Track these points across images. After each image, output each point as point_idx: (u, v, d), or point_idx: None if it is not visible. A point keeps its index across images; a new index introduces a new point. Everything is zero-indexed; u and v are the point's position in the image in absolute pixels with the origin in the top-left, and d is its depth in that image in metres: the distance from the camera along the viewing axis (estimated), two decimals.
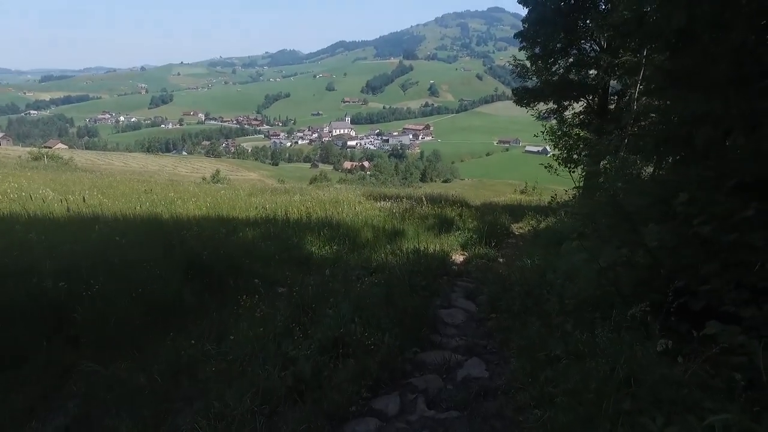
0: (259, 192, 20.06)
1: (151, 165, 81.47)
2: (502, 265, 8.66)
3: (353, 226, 9.69)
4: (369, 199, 15.79)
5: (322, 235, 8.55)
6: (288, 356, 3.13)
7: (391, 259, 7.17)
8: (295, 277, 6.03)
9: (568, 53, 18.56)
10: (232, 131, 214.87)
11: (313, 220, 9.99)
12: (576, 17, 17.08)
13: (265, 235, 8.02)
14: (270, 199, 16.27)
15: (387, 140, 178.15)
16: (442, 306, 5.38)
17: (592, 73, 18.16)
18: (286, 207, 12.25)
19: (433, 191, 23.47)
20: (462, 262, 8.94)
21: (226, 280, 5.00)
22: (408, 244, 9.48)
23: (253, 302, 4.20)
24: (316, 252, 7.80)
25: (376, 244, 9.09)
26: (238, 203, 13.59)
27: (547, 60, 18.77)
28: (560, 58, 18.78)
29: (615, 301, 3.98)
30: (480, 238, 10.28)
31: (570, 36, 17.31)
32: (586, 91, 18.26)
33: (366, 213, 11.67)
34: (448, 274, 7.33)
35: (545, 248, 8.74)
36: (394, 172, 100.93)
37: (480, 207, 17.90)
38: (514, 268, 6.74)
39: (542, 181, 43.70)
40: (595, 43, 18.02)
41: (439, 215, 12.86)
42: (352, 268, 6.67)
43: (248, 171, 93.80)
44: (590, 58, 17.85)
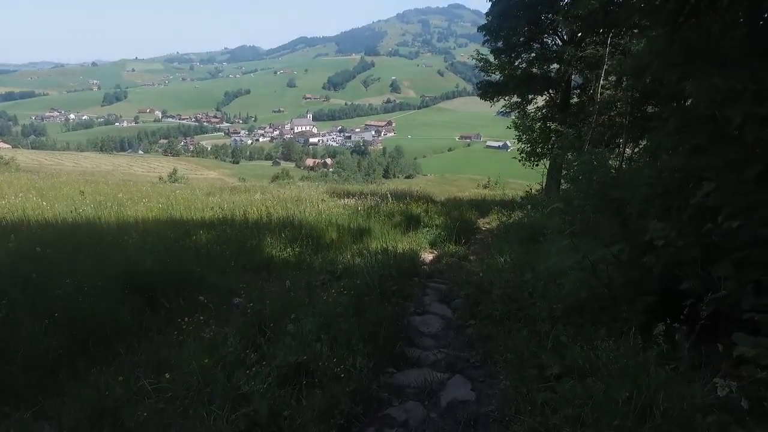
0: (218, 191, 19.14)
1: (105, 165, 78.11)
2: (474, 263, 8.31)
3: (317, 226, 9.13)
4: (332, 197, 15.23)
5: (283, 236, 7.97)
6: (240, 392, 2.59)
7: (358, 260, 6.67)
8: (253, 284, 5.47)
9: (530, 47, 18.49)
10: (191, 129, 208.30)
11: (273, 220, 9.37)
12: (540, 11, 16.97)
13: (220, 238, 7.37)
14: (229, 198, 15.46)
15: (349, 137, 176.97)
16: (416, 312, 4.94)
17: (554, 67, 18.17)
18: (246, 207, 11.56)
19: (397, 187, 23.06)
20: (432, 260, 8.54)
21: (172, 293, 4.37)
22: (375, 243, 9.01)
23: (202, 320, 3.63)
24: (277, 255, 7.22)
25: (341, 244, 8.57)
26: (195, 203, 12.78)
27: (510, 54, 18.66)
28: (523, 52, 18.70)
29: (607, 304, 3.63)
30: (448, 235, 9.91)
31: (533, 29, 17.20)
32: (549, 85, 18.24)
33: (330, 211, 11.11)
34: (419, 275, 6.90)
35: (517, 244, 8.46)
36: (356, 168, 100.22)
37: (445, 202, 17.62)
38: (489, 268, 6.37)
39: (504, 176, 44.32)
40: (558, 37, 18.01)
41: (405, 212, 12.45)
42: (317, 273, 6.14)
43: (208, 170, 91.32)
44: (552, 53, 17.83)
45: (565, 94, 18.08)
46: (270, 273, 6.33)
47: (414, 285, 6.29)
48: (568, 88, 18.10)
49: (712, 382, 2.48)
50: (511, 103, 20.15)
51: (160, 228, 7.58)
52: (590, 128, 12.46)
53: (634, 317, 3.42)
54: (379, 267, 5.88)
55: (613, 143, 10.16)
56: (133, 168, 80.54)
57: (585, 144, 10.98)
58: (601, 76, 13.84)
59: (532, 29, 17.24)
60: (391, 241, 9.35)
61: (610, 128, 11.30)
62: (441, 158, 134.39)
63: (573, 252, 3.27)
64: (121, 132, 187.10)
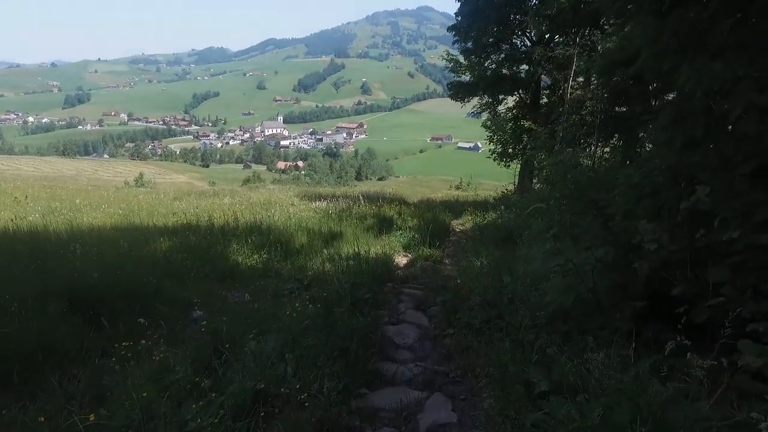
0: (185, 195, 18.46)
1: (68, 169, 75.38)
2: (450, 266, 8.08)
3: (286, 231, 8.75)
4: (303, 200, 14.86)
5: (250, 242, 7.56)
6: (188, 429, 2.24)
7: (328, 267, 6.35)
8: (215, 295, 5.09)
9: (500, 48, 18.50)
10: (158, 132, 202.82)
11: (241, 225, 8.94)
12: (509, 11, 16.98)
13: (182, 245, 6.92)
14: (196, 203, 14.90)
15: (321, 139, 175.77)
16: (391, 322, 4.64)
17: (523, 68, 18.22)
18: (212, 212, 11.07)
19: (369, 189, 22.83)
20: (406, 264, 8.27)
21: (123, 309, 3.96)
22: (347, 247, 8.69)
23: (153, 340, 3.23)
24: (243, 262, 6.84)
25: (311, 249, 8.23)
26: (159, 209, 12.22)
27: (480, 55, 18.63)
28: (492, 53, 18.69)
29: (593, 310, 3.42)
30: (422, 238, 9.66)
31: (503, 29, 17.19)
32: (519, 86, 18.28)
33: (300, 215, 10.75)
34: (393, 281, 6.62)
35: (493, 246, 8.27)
36: (329, 171, 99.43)
37: (418, 204, 17.43)
38: (466, 272, 6.14)
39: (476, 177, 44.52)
40: (527, 38, 18.07)
41: (378, 214, 12.17)
42: (285, 281, 5.79)
43: (177, 174, 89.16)
44: (521, 53, 17.87)
45: (535, 95, 18.15)
46: (235, 282, 5.96)
47: (388, 291, 6.01)
48: (538, 88, 18.18)
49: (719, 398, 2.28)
50: (482, 103, 20.13)
51: (118, 236, 7.07)
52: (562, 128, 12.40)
53: (622, 324, 3.21)
54: (351, 274, 5.58)
55: (585, 143, 10.10)
56: (99, 172, 77.94)
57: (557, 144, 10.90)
58: (570, 76, 13.88)
59: (501, 29, 17.25)
60: (364, 245, 9.03)
61: (581, 127, 11.30)
62: (413, 160, 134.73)
63: (556, 256, 3.04)
64: (85, 135, 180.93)
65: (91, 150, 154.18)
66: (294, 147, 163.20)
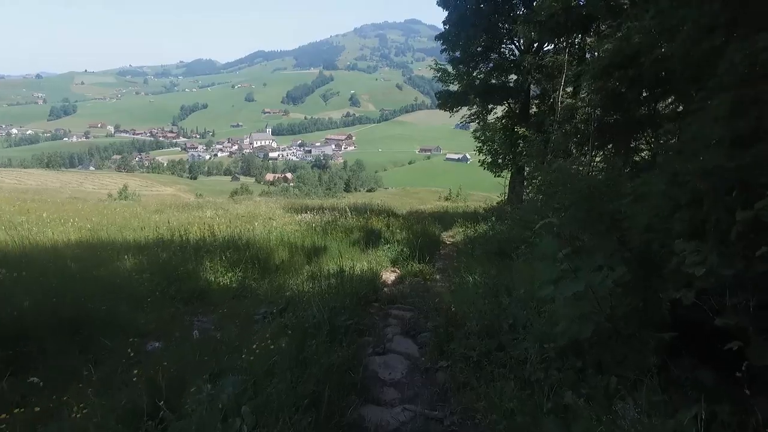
0: (167, 208, 17.79)
1: (52, 182, 73.95)
2: (441, 283, 7.56)
3: (265, 246, 8.17)
4: (290, 212, 14.30)
5: (224, 258, 6.97)
6: None
7: (308, 286, 5.79)
8: (178, 322, 4.50)
9: (488, 57, 18.21)
10: (145, 144, 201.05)
11: (218, 239, 8.35)
12: (497, 19, 16.71)
13: (149, 263, 6.33)
14: (176, 216, 14.29)
15: (310, 151, 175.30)
16: (376, 351, 4.09)
17: (512, 77, 17.93)
18: (189, 225, 10.47)
19: (357, 201, 22.32)
20: (394, 281, 7.72)
21: (61, 342, 3.37)
22: (330, 263, 8.14)
23: (77, 390, 2.65)
24: (215, 281, 6.26)
25: (292, 265, 7.66)
26: (134, 222, 11.57)
27: (468, 64, 18.32)
28: (481, 62, 18.40)
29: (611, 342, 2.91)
30: (411, 252, 9.14)
31: (491, 38, 16.90)
32: (509, 95, 17.97)
33: (282, 228, 10.18)
34: (379, 300, 6.08)
35: (486, 261, 7.78)
36: (317, 183, 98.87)
37: (407, 216, 16.95)
38: (459, 290, 5.61)
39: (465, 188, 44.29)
40: (516, 46, 17.80)
41: (365, 227, 11.64)
42: (260, 303, 5.21)
43: (164, 186, 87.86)
44: (510, 62, 17.59)
45: (524, 104, 17.84)
46: (204, 304, 5.37)
47: (374, 313, 5.47)
48: (528, 97, 17.88)
49: None
50: (471, 113, 19.81)
51: (77, 254, 6.45)
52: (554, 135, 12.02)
53: (647, 359, 2.71)
54: (333, 294, 5.03)
55: (578, 151, 9.69)
56: (84, 185, 76.50)
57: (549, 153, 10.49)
58: (561, 84, 13.57)
59: (489, 38, 16.95)
60: (349, 260, 8.49)
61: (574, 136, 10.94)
62: (402, 171, 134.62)
63: (573, 282, 2.54)
64: (71, 147, 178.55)
65: (76, 162, 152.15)
66: (283, 159, 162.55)
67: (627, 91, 6.73)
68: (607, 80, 7.24)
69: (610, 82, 6.70)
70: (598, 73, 7.04)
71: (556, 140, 9.91)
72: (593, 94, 8.63)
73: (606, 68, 7.01)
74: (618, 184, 3.68)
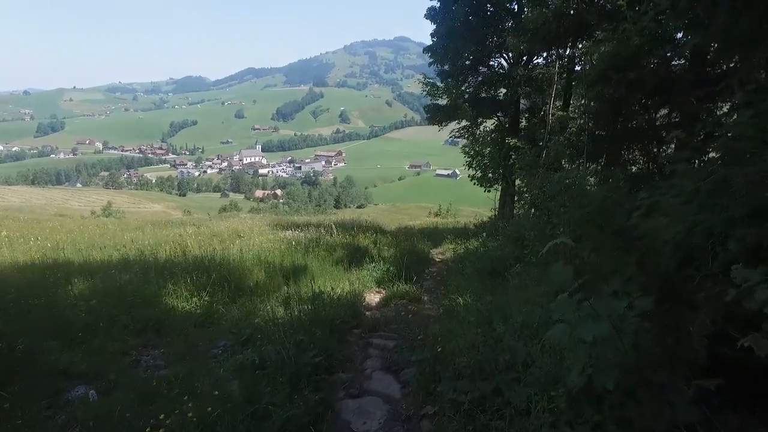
0: (148, 225, 17.09)
1: (37, 199, 72.58)
2: (429, 305, 6.97)
3: (241, 266, 7.55)
4: (275, 229, 13.69)
5: (192, 280, 6.33)
6: None
7: (281, 312, 5.18)
8: (122, 359, 3.86)
9: (477, 71, 17.91)
10: (134, 161, 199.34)
11: (189, 259, 7.72)
12: (485, 32, 16.42)
13: (105, 287, 5.68)
14: (153, 233, 13.63)
15: (299, 167, 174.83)
16: (350, 393, 3.48)
17: (502, 91, 17.61)
18: (163, 243, 9.83)
19: (347, 217, 21.81)
20: (378, 304, 7.13)
21: None
22: (311, 283, 7.54)
23: None
24: (178, 307, 5.61)
25: (269, 287, 7.06)
26: (105, 240, 10.90)
27: (457, 78, 17.99)
28: (470, 75, 18.09)
29: (636, 390, 2.34)
30: (398, 271, 8.56)
31: (480, 50, 16.58)
32: (499, 108, 17.63)
33: (262, 246, 9.55)
34: (360, 326, 5.49)
35: (477, 280, 7.22)
36: (307, 199, 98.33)
37: (396, 232, 16.43)
38: (448, 317, 5.03)
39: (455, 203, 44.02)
40: (505, 59, 17.51)
41: (351, 244, 11.08)
42: (221, 334, 4.58)
43: (152, 203, 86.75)
44: (500, 76, 17.29)
45: (514, 117, 17.49)
46: (160, 335, 4.73)
47: (353, 342, 4.87)
48: (518, 110, 17.54)
49: None
50: (460, 127, 19.44)
51: (23, 278, 5.79)
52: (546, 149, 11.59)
53: (684, 414, 2.15)
54: (305, 323, 4.43)
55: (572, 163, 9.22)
56: (69, 202, 75.26)
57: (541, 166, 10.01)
58: (552, 95, 13.21)
59: (478, 50, 16.63)
60: (331, 280, 7.90)
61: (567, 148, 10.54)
62: (392, 187, 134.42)
63: (595, 322, 1.98)
64: (58, 164, 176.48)
65: (63, 179, 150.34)
66: (272, 175, 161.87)
67: (627, 95, 6.28)
68: (605, 85, 6.80)
69: (608, 87, 6.24)
70: (595, 78, 6.60)
71: (548, 152, 9.46)
72: (589, 102, 8.21)
73: (604, 72, 6.57)
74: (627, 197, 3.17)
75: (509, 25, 15.99)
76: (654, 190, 2.92)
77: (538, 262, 5.82)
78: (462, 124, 19.24)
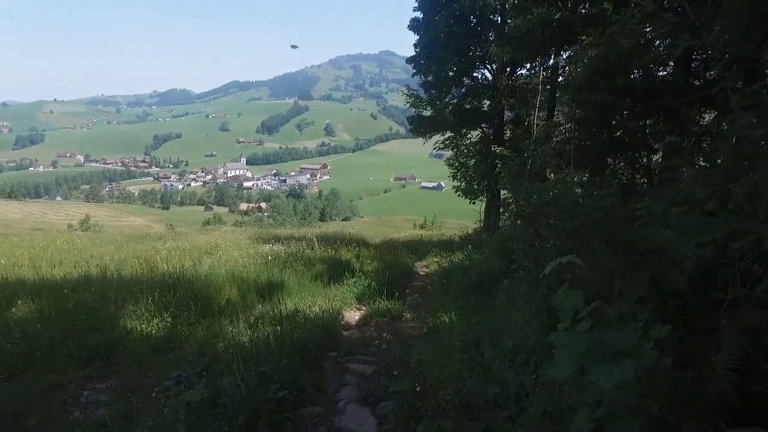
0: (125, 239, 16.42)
1: (13, 213, 70.65)
2: (412, 324, 6.56)
3: (212, 282, 7.04)
4: (256, 242, 13.17)
5: (155, 299, 5.83)
6: None
7: (246, 336, 4.72)
8: (56, 394, 3.38)
9: (461, 82, 17.73)
10: (117, 174, 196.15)
11: (156, 276, 7.20)
12: (468, 42, 16.24)
13: (55, 309, 5.15)
14: (125, 248, 13.03)
15: (284, 180, 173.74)
16: None
17: (485, 102, 17.40)
18: (133, 258, 9.29)
19: (330, 230, 21.32)
20: (358, 322, 6.69)
21: None
22: (287, 301, 7.09)
23: None
24: (137, 329, 5.11)
25: (241, 305, 6.58)
26: (68, 256, 10.28)
27: (440, 89, 17.79)
28: (454, 86, 17.90)
29: None
30: (380, 286, 8.15)
31: (463, 61, 16.38)
32: (483, 119, 17.41)
33: (237, 261, 9.05)
34: (337, 348, 5.05)
35: (462, 296, 6.84)
36: (292, 212, 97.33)
37: (380, 245, 16.01)
38: (431, 341, 4.62)
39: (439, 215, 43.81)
40: (488, 70, 17.34)
41: (332, 259, 10.64)
42: (178, 362, 4.11)
43: (134, 216, 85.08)
44: (484, 87, 17.13)
45: (499, 128, 17.29)
46: (109, 364, 4.23)
47: (328, 367, 4.42)
48: (502, 121, 17.36)
49: None
50: (445, 139, 19.22)
51: None
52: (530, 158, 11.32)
53: None
54: (275, 347, 3.99)
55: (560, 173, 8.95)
56: (48, 215, 73.34)
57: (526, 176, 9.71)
58: (537, 105, 13.01)
59: (462, 61, 16.42)
60: (310, 297, 7.45)
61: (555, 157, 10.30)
62: (377, 200, 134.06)
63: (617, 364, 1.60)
64: (37, 177, 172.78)
65: (42, 192, 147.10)
66: (257, 188, 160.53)
67: (615, 102, 6.02)
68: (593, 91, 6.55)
69: (596, 93, 5.98)
70: (582, 84, 6.33)
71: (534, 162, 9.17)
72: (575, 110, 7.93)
73: (591, 77, 6.31)
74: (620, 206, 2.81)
75: (492, 37, 15.87)
76: (654, 198, 2.58)
77: (528, 278, 5.44)
78: (446, 136, 19.03)
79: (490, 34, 16.35)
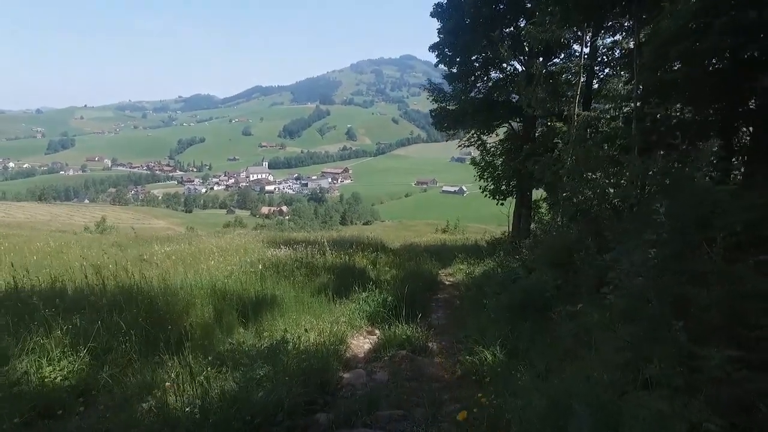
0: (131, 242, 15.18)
1: (42, 215, 71.35)
2: (438, 360, 4.87)
3: (179, 299, 5.44)
4: (267, 246, 11.61)
5: (73, 328, 4.20)
6: None
7: (188, 392, 3.12)
8: None
9: (488, 73, 16.00)
10: (142, 177, 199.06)
11: (110, 290, 5.60)
12: (497, 25, 14.49)
13: None
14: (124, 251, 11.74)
15: (306, 184, 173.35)
16: None
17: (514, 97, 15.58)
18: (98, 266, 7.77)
19: (347, 234, 19.78)
20: (366, 356, 5.03)
21: None
22: (278, 322, 5.49)
23: None
24: (32, 375, 3.56)
25: (214, 330, 5.00)
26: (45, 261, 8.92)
27: (466, 80, 16.06)
28: (479, 79, 16.17)
29: None
30: (398, 302, 6.47)
31: (492, 45, 14.60)
32: (512, 113, 15.58)
33: (225, 269, 7.46)
34: (332, 405, 3.42)
35: (505, 320, 5.14)
36: (313, 216, 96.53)
37: (400, 250, 14.40)
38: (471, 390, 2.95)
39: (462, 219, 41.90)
40: (520, 61, 15.51)
41: (343, 266, 9.03)
42: None
43: (157, 219, 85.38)
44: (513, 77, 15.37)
45: (528, 124, 15.40)
46: None
47: None
48: (533, 116, 15.50)
49: None
50: (469, 136, 17.50)
51: None
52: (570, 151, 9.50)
53: None
54: (235, 413, 2.38)
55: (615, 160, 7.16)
56: (74, 218, 73.86)
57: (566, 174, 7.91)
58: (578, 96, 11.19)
59: (490, 46, 14.62)
60: (307, 317, 5.83)
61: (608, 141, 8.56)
62: (398, 204, 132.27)
63: None
64: (67, 181, 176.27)
65: (72, 195, 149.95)
66: (279, 192, 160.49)
67: (744, 44, 4.22)
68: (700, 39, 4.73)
69: (705, 40, 4.22)
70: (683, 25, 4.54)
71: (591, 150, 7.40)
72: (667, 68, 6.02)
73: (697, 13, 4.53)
74: None
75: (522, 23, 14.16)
76: None
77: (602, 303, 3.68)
78: (471, 132, 17.30)
79: (520, 21, 14.64)
